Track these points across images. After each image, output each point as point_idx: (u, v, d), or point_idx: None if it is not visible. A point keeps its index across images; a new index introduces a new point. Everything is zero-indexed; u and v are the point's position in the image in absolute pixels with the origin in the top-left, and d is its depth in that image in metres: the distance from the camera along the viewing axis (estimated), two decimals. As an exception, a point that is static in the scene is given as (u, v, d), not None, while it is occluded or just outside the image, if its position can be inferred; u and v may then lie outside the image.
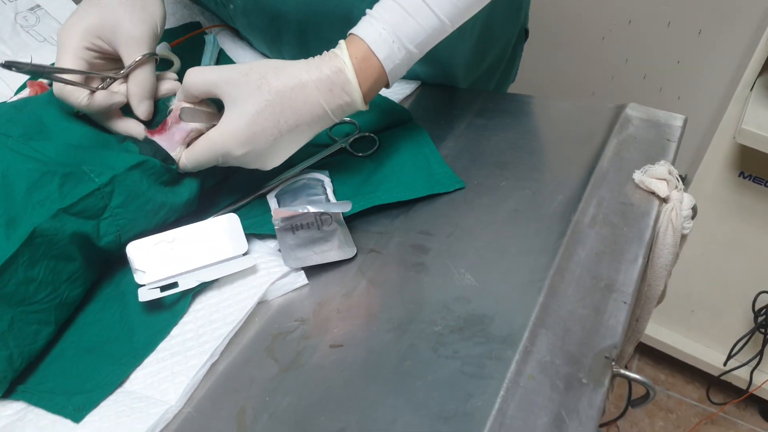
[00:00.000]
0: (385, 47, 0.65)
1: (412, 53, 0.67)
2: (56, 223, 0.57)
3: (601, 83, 1.88)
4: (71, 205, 0.59)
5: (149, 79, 0.67)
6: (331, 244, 0.66)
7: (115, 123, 0.67)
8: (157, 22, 0.68)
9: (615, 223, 0.65)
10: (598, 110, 0.81)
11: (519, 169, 0.74)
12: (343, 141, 0.79)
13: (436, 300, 0.60)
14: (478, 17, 0.70)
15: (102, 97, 0.65)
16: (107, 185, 0.61)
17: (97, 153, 0.63)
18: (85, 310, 0.64)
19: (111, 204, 0.61)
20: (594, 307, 0.58)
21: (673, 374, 1.83)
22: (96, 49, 0.66)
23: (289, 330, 0.60)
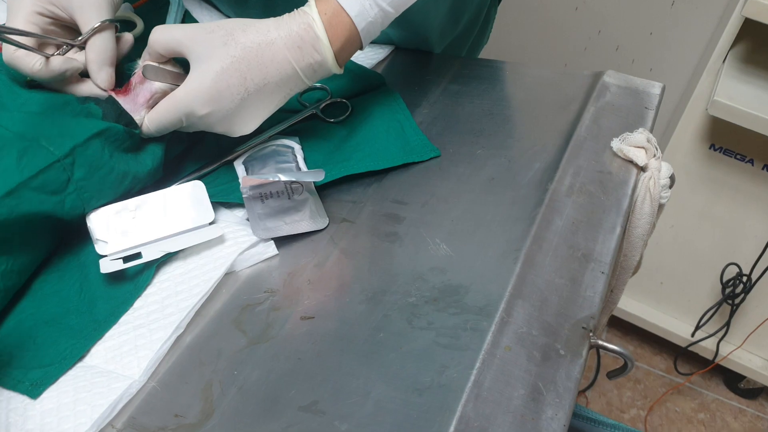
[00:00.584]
0: (356, 4, 0.63)
1: (386, 12, 0.64)
2: (13, 200, 0.54)
3: (574, 54, 1.87)
4: (30, 179, 0.55)
5: (109, 46, 0.63)
6: (302, 214, 0.64)
7: (75, 87, 0.64)
8: None
9: (592, 192, 0.64)
10: (574, 77, 0.80)
11: (495, 136, 0.72)
12: (313, 107, 0.76)
13: (411, 270, 0.58)
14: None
15: (58, 63, 0.61)
16: (67, 156, 0.57)
17: (55, 120, 0.60)
18: (43, 279, 0.61)
19: (74, 177, 0.58)
20: (571, 277, 0.57)
21: (641, 345, 1.86)
22: (50, 15, 0.62)
23: (258, 301, 0.57)
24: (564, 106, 0.75)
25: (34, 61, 0.60)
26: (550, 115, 0.74)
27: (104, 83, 0.64)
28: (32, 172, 0.56)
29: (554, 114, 0.74)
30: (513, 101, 0.78)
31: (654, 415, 1.71)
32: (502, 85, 0.80)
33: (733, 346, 1.69)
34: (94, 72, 0.63)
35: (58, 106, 0.63)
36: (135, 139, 0.63)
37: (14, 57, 0.60)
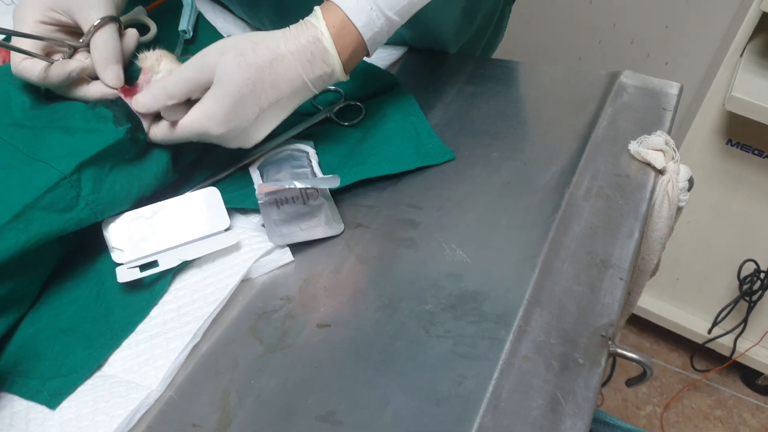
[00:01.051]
0: (362, 15, 0.63)
1: (393, 21, 0.64)
2: (22, 222, 0.54)
3: (588, 48, 1.85)
4: (38, 199, 0.55)
5: (112, 42, 0.63)
6: (318, 220, 0.64)
7: (85, 89, 0.63)
8: None
9: (610, 196, 0.63)
10: (591, 77, 0.79)
11: (510, 138, 0.71)
12: (327, 110, 0.76)
13: (427, 277, 0.58)
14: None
15: (61, 65, 0.61)
16: (74, 173, 0.57)
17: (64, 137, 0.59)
18: (59, 287, 0.61)
19: (83, 192, 0.58)
20: (589, 284, 0.56)
21: (657, 342, 1.84)
22: (53, 23, 0.62)
23: (274, 309, 0.57)
24: (580, 107, 0.74)
25: (37, 68, 0.60)
26: (567, 116, 0.73)
27: (112, 81, 0.63)
28: (39, 192, 0.56)
29: (570, 115, 0.73)
30: (528, 102, 0.77)
31: (670, 412, 1.70)
32: (517, 86, 0.80)
33: (751, 342, 1.67)
34: (100, 70, 0.63)
35: (67, 115, 0.62)
36: (140, 144, 0.63)
37: (21, 67, 0.60)
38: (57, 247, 0.61)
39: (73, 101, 0.64)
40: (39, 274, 0.59)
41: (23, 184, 0.56)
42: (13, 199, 0.55)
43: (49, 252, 0.60)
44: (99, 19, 0.62)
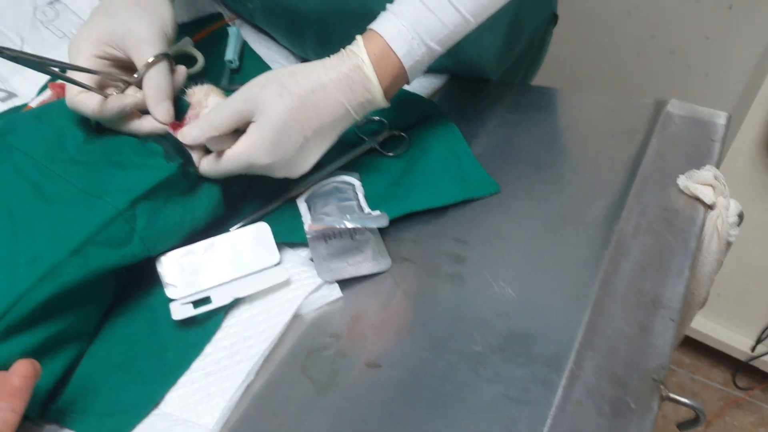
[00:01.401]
0: (404, 44, 0.63)
1: (434, 50, 0.65)
2: (80, 258, 0.56)
3: (626, 59, 1.83)
4: (94, 234, 0.57)
5: (164, 79, 0.65)
6: (365, 255, 0.64)
7: (137, 124, 0.65)
8: (166, 23, 0.66)
9: (659, 232, 0.63)
10: (636, 106, 0.78)
11: (556, 170, 0.71)
12: (372, 140, 0.76)
13: (475, 315, 0.58)
14: (507, 8, 0.67)
15: (115, 100, 0.63)
16: (128, 209, 0.59)
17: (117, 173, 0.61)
18: (113, 323, 0.62)
19: (137, 227, 0.59)
20: (640, 325, 0.56)
21: (698, 357, 1.82)
22: (107, 57, 0.64)
23: (323, 346, 0.58)
24: (626, 137, 0.74)
25: (93, 102, 0.62)
26: (613, 146, 0.73)
27: (163, 117, 0.65)
28: (96, 228, 0.57)
29: (616, 146, 0.73)
30: (573, 132, 0.77)
31: (712, 429, 1.67)
32: (560, 115, 0.80)
33: (796, 359, 1.64)
34: (152, 106, 0.64)
35: (119, 150, 0.64)
36: (191, 178, 0.64)
37: (76, 100, 0.62)
38: (112, 281, 0.62)
39: (125, 136, 0.65)
40: (96, 309, 0.61)
41: (80, 219, 0.58)
42: (71, 235, 0.57)
43: (105, 286, 0.61)
44: (153, 57, 0.63)
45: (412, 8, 0.63)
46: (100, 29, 0.63)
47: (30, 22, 0.84)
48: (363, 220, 0.62)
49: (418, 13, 0.63)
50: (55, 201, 0.59)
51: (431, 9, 0.63)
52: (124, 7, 0.64)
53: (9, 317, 0.53)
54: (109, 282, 0.61)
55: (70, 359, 0.58)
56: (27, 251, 0.55)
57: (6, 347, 0.53)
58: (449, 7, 0.63)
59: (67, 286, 0.55)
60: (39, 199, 0.59)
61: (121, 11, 0.64)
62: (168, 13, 0.67)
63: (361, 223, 0.62)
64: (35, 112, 0.67)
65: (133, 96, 0.64)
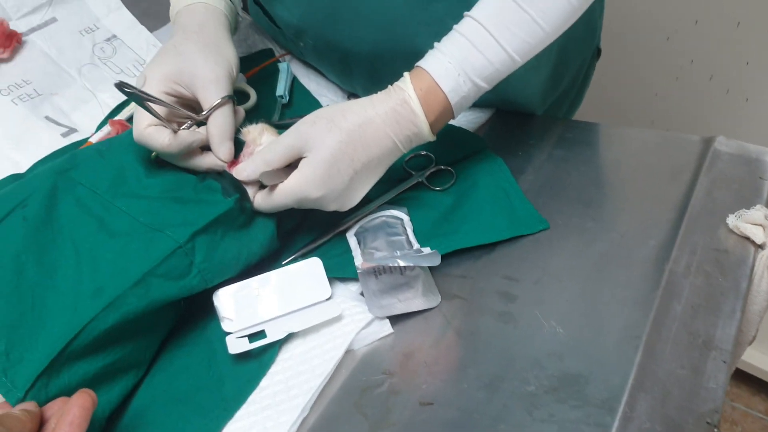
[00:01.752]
0: (450, 80, 0.65)
1: (480, 86, 0.67)
2: (142, 289, 0.58)
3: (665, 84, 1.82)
4: (156, 266, 0.59)
5: (229, 120, 0.67)
6: (415, 291, 0.65)
7: (197, 160, 0.67)
8: (232, 65, 0.69)
9: (710, 273, 0.63)
10: (683, 143, 0.79)
11: (605, 207, 0.72)
12: (419, 175, 0.78)
13: (528, 355, 0.59)
14: (553, 46, 0.68)
15: (186, 135, 0.65)
16: (188, 242, 0.61)
17: (176, 207, 0.64)
18: (172, 354, 0.64)
19: (196, 260, 0.61)
20: (693, 367, 0.56)
21: (738, 385, 1.79)
22: (175, 94, 0.67)
23: (376, 383, 0.59)
24: (674, 175, 0.74)
25: (164, 136, 0.64)
26: (661, 184, 0.74)
27: (225, 156, 0.67)
28: (158, 260, 0.59)
29: (665, 184, 0.73)
30: (621, 169, 0.77)
31: (753, 460, 1.64)
32: (607, 150, 0.80)
33: (840, 390, 1.61)
34: (215, 146, 0.67)
35: (179, 186, 0.66)
36: (247, 213, 0.66)
37: (145, 133, 0.64)
38: (170, 312, 0.64)
39: (184, 173, 0.68)
40: (153, 339, 0.63)
41: (142, 252, 0.60)
42: (134, 267, 0.59)
43: (163, 317, 0.63)
44: (219, 99, 0.66)
45: (458, 46, 0.65)
46: (171, 68, 0.66)
47: (89, 58, 0.87)
48: (416, 259, 0.63)
49: (465, 51, 0.65)
50: (117, 234, 0.61)
51: (478, 48, 0.65)
52: (195, 49, 0.67)
53: (73, 345, 0.55)
54: (166, 313, 0.63)
55: (127, 389, 0.60)
56: (91, 283, 0.58)
57: (68, 374, 0.55)
58: (496, 46, 0.65)
59: (128, 317, 0.57)
60: (103, 233, 0.61)
61: (192, 52, 0.67)
62: (233, 55, 0.69)
63: (414, 262, 0.63)
64: (97, 147, 0.70)
65: (200, 133, 0.67)
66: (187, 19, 0.70)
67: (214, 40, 0.68)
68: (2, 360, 0.53)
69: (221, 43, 0.69)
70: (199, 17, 0.70)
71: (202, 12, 0.71)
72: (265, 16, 0.90)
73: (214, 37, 0.69)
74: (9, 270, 0.57)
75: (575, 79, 0.94)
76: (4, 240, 0.59)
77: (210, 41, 0.68)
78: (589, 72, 0.98)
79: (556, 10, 0.65)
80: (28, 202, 0.62)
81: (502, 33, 0.64)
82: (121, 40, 0.90)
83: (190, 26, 0.69)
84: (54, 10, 0.89)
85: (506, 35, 0.64)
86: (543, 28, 0.65)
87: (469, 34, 0.65)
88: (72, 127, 0.81)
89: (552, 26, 0.65)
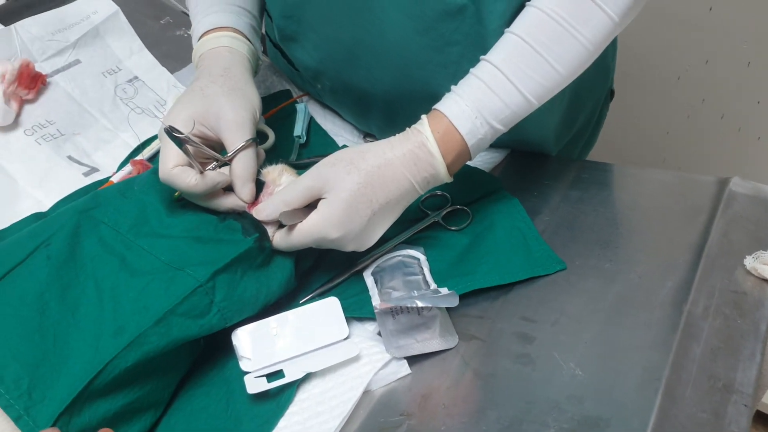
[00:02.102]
0: (467, 123, 0.66)
1: (496, 129, 0.68)
2: (163, 327, 0.58)
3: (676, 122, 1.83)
4: (177, 305, 0.60)
5: (252, 162, 0.68)
6: (433, 332, 0.65)
7: (218, 201, 0.68)
8: (255, 108, 0.70)
9: (728, 315, 0.63)
10: (698, 184, 0.79)
11: (622, 249, 0.72)
12: (435, 215, 0.78)
13: (547, 397, 0.59)
14: (566, 89, 0.69)
15: (213, 176, 0.66)
16: (209, 281, 0.62)
17: (197, 247, 0.64)
18: (191, 394, 0.64)
19: (216, 299, 0.62)
20: (713, 411, 0.56)
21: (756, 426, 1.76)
22: (200, 135, 0.68)
23: (395, 425, 0.59)
24: (690, 216, 0.75)
25: (191, 176, 0.65)
26: (677, 226, 0.74)
27: (247, 197, 0.68)
28: (178, 299, 0.60)
29: (681, 225, 0.74)
30: (637, 210, 0.78)
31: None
32: (623, 192, 0.81)
33: None
34: (239, 187, 0.68)
35: (200, 226, 0.67)
36: (266, 252, 0.67)
37: (172, 173, 0.65)
38: (188, 350, 0.64)
39: (204, 214, 0.68)
40: (172, 377, 0.63)
41: (163, 290, 0.60)
42: (155, 305, 0.60)
43: (182, 355, 0.64)
44: (244, 141, 0.67)
45: (475, 89, 0.66)
46: (197, 109, 0.67)
47: (111, 99, 0.89)
48: (434, 300, 0.63)
49: (482, 94, 0.66)
50: (139, 273, 0.62)
51: (494, 91, 0.66)
52: (221, 92, 0.68)
53: (94, 384, 0.55)
54: (185, 351, 0.64)
55: (145, 428, 0.60)
56: (112, 321, 0.58)
57: (89, 413, 0.55)
58: (512, 89, 0.66)
59: (149, 355, 0.58)
60: (124, 271, 0.62)
61: (217, 95, 0.68)
62: (256, 99, 0.71)
63: (432, 303, 0.63)
64: (119, 187, 0.71)
65: (225, 175, 0.67)
66: (212, 63, 0.72)
67: (240, 84, 0.70)
68: (25, 399, 0.53)
69: (246, 87, 0.70)
70: (224, 61, 0.72)
71: (227, 56, 0.73)
72: (284, 58, 0.92)
73: (239, 81, 0.70)
74: (33, 309, 0.58)
75: (589, 120, 0.95)
76: (29, 279, 0.60)
77: (235, 85, 0.69)
78: (603, 113, 0.99)
79: (572, 54, 0.66)
80: (51, 241, 0.63)
81: (518, 76, 0.65)
82: (142, 81, 0.92)
83: (215, 70, 0.71)
84: (78, 53, 0.92)
85: (522, 79, 0.66)
86: (559, 71, 0.66)
87: (485, 77, 0.66)
88: (94, 166, 0.83)
89: (567, 70, 0.66)
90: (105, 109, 0.88)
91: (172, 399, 0.64)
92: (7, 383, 0.54)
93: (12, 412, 0.53)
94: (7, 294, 0.59)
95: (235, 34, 0.75)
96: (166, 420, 0.62)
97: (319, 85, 0.88)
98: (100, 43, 0.93)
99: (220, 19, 0.75)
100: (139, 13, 1.02)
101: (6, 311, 0.58)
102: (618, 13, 0.65)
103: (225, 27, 0.75)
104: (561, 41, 0.65)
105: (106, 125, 0.87)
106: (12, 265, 0.61)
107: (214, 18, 0.75)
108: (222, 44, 0.73)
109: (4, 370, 0.54)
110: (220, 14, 0.76)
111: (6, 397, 0.53)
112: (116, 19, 0.95)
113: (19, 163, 0.81)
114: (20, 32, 0.89)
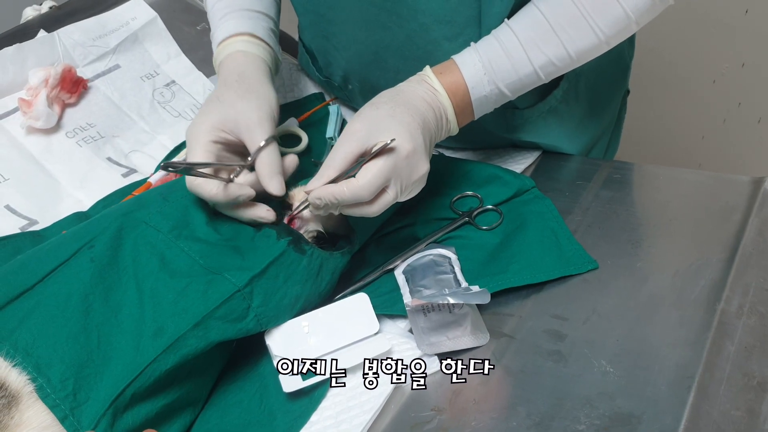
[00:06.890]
0: (468, 58, 0.71)
1: (501, 91, 0.72)
2: (201, 330, 0.60)
3: (712, 127, 1.81)
4: (215, 309, 0.61)
5: (275, 158, 0.69)
6: (464, 329, 0.66)
7: (247, 211, 0.69)
8: (273, 107, 0.72)
9: (763, 314, 0.63)
10: (732, 184, 0.78)
11: (655, 248, 0.72)
12: (466, 214, 0.79)
13: (578, 394, 0.59)
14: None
15: (234, 189, 0.67)
16: (246, 286, 0.63)
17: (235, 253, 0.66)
18: (225, 389, 0.66)
19: (253, 304, 0.63)
20: (748, 408, 0.55)
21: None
22: (222, 142, 0.69)
23: (426, 420, 0.59)
24: (724, 215, 0.74)
25: (212, 186, 0.66)
26: (711, 225, 0.73)
27: (276, 190, 0.68)
28: (216, 303, 0.61)
29: (715, 224, 0.73)
30: (670, 209, 0.77)
31: None
32: (655, 191, 0.80)
33: None
34: (266, 182, 0.68)
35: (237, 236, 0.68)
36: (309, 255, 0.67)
37: (195, 184, 0.66)
38: (224, 350, 0.66)
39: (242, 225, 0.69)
40: (209, 377, 0.65)
41: (202, 294, 0.62)
42: (193, 308, 0.61)
43: (218, 355, 0.65)
44: (264, 141, 0.68)
45: (490, 49, 0.71)
46: (215, 116, 0.69)
47: (149, 103, 0.91)
48: (465, 297, 0.64)
49: (494, 54, 0.71)
50: (178, 274, 0.63)
51: (508, 54, 0.70)
52: (237, 96, 0.70)
53: (135, 386, 0.57)
54: (222, 351, 0.65)
55: (185, 426, 0.61)
56: (152, 322, 0.60)
57: (131, 415, 0.57)
58: (524, 58, 0.70)
59: (188, 357, 0.59)
60: (164, 272, 0.63)
61: (233, 99, 0.70)
62: (273, 97, 0.72)
63: (463, 300, 0.64)
64: (160, 191, 0.72)
65: (247, 188, 0.67)
66: (228, 70, 0.74)
67: (255, 86, 0.71)
68: (70, 400, 0.55)
69: (261, 88, 0.72)
70: (239, 66, 0.74)
71: (242, 60, 0.74)
72: (314, 65, 0.93)
73: (253, 83, 0.72)
74: (78, 310, 0.59)
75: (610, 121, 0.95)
76: (73, 280, 0.61)
77: (250, 87, 0.71)
78: (622, 113, 0.99)
79: (583, 41, 0.69)
80: (95, 243, 0.64)
81: (532, 50, 0.70)
82: (179, 85, 0.94)
83: (230, 77, 0.73)
84: (117, 58, 0.94)
85: (535, 52, 0.70)
86: (569, 53, 0.70)
87: (503, 38, 0.70)
88: (132, 167, 0.85)
89: (577, 54, 0.70)
90: (143, 113, 0.90)
91: (208, 395, 0.65)
92: (54, 383, 0.55)
93: (58, 412, 0.54)
94: (52, 294, 0.60)
95: (251, 38, 0.76)
96: (201, 414, 0.63)
97: (349, 86, 0.89)
98: (138, 48, 0.96)
99: (237, 25, 0.77)
100: (177, 19, 1.04)
101: (52, 312, 0.59)
102: (635, 11, 0.68)
103: (241, 33, 0.77)
104: (577, 25, 0.69)
105: (143, 128, 0.89)
106: (55, 265, 0.62)
107: (230, 25, 0.77)
108: (237, 49, 0.75)
109: (51, 370, 0.56)
110: (237, 20, 0.77)
111: (53, 397, 0.55)
112: (154, 25, 0.97)
113: (61, 165, 0.84)
114: (63, 38, 0.92)
